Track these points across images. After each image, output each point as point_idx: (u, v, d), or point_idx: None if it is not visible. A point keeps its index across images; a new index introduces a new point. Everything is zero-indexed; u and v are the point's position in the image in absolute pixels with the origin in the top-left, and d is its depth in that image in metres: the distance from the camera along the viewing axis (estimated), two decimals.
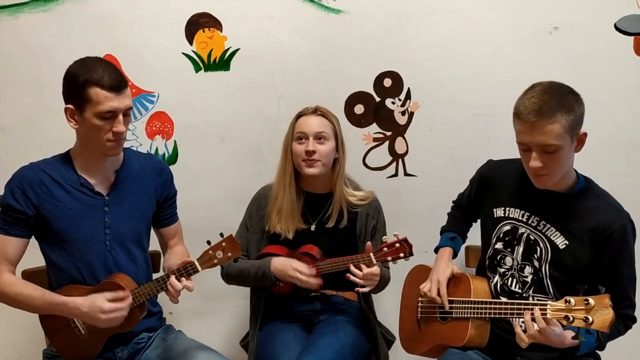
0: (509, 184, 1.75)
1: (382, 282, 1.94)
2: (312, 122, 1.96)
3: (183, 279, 1.66)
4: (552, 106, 1.51)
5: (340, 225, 2.00)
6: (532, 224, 1.71)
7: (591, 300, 1.43)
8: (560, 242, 1.66)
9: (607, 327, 1.42)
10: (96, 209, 1.73)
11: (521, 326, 1.57)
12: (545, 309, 1.50)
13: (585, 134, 1.59)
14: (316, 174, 1.96)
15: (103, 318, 1.62)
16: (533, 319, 1.52)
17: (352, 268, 1.83)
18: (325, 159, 1.95)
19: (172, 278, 1.66)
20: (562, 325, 1.49)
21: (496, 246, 1.79)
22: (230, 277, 2.02)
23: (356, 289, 1.85)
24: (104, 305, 1.62)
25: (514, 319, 1.64)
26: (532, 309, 1.53)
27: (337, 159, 2.00)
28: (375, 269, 1.82)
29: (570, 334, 1.53)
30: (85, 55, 1.68)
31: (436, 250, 1.96)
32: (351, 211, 2.01)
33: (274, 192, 2.02)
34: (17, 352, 2.44)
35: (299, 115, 2.00)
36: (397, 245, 1.84)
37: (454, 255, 1.94)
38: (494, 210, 1.80)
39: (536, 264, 1.70)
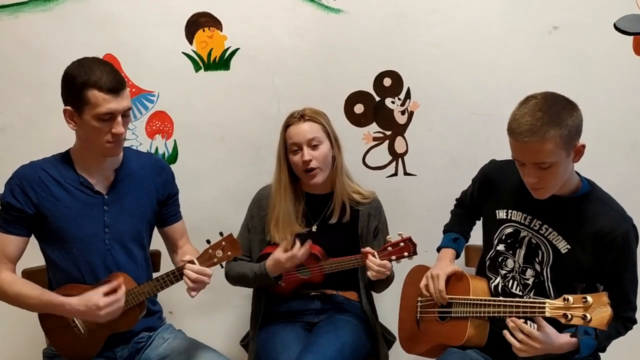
0: (512, 185, 1.74)
1: (388, 280, 1.95)
2: (301, 130, 1.94)
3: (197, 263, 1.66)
4: (544, 124, 1.49)
5: (343, 220, 2.00)
6: (534, 227, 1.70)
7: (589, 298, 1.43)
8: (562, 246, 1.65)
9: (605, 324, 1.41)
10: (95, 208, 1.73)
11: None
12: (544, 307, 1.50)
13: (583, 145, 1.57)
14: (320, 182, 1.96)
15: (102, 314, 1.61)
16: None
17: (371, 257, 1.82)
18: (323, 163, 1.95)
19: (193, 273, 1.64)
20: (561, 325, 1.49)
21: (498, 248, 1.79)
22: (232, 279, 2.03)
23: (368, 273, 1.84)
24: (99, 302, 1.60)
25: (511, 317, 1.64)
26: (511, 316, 1.55)
27: (334, 157, 2.00)
28: (388, 263, 1.83)
29: (567, 336, 1.53)
30: (85, 55, 1.68)
31: (438, 250, 1.96)
32: (353, 208, 2.01)
33: (272, 201, 2.02)
34: (16, 351, 2.44)
35: (288, 125, 1.98)
36: (402, 244, 1.84)
37: (457, 257, 1.94)
38: (497, 211, 1.79)
39: (537, 267, 1.70)
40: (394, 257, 1.84)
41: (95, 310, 1.60)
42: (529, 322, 1.56)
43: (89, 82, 1.59)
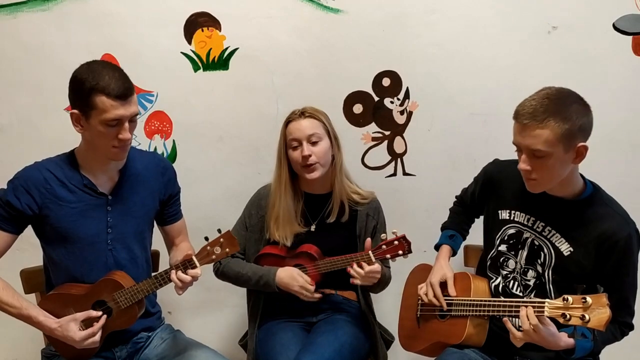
0: (515, 186, 1.73)
1: (383, 281, 1.94)
2: (302, 126, 1.94)
3: (189, 270, 1.66)
4: (547, 111, 1.49)
5: (342, 220, 1.99)
6: (537, 229, 1.70)
7: (589, 299, 1.43)
8: (565, 248, 1.65)
9: (604, 325, 1.41)
10: (98, 208, 1.73)
11: (520, 327, 1.57)
12: (543, 306, 1.50)
13: (585, 147, 1.54)
14: (317, 177, 1.95)
15: (78, 348, 1.67)
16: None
17: (355, 266, 1.83)
18: (322, 159, 1.95)
19: (179, 272, 1.66)
20: (559, 324, 1.50)
21: (500, 248, 1.79)
22: (225, 276, 2.02)
23: (351, 280, 1.85)
24: (75, 336, 1.65)
25: (510, 317, 1.63)
26: (527, 306, 1.54)
27: (334, 156, 2.00)
28: (376, 267, 1.82)
29: (566, 335, 1.53)
30: (83, 54, 1.71)
31: (436, 248, 1.96)
32: (352, 208, 2.01)
33: (272, 199, 2.01)
34: (15, 351, 2.44)
35: (288, 121, 1.98)
36: (396, 242, 1.83)
37: (453, 254, 1.94)
38: (499, 212, 1.79)
39: (539, 269, 1.69)
40: (388, 256, 1.83)
41: (72, 342, 1.66)
42: None
43: (97, 88, 1.57)
